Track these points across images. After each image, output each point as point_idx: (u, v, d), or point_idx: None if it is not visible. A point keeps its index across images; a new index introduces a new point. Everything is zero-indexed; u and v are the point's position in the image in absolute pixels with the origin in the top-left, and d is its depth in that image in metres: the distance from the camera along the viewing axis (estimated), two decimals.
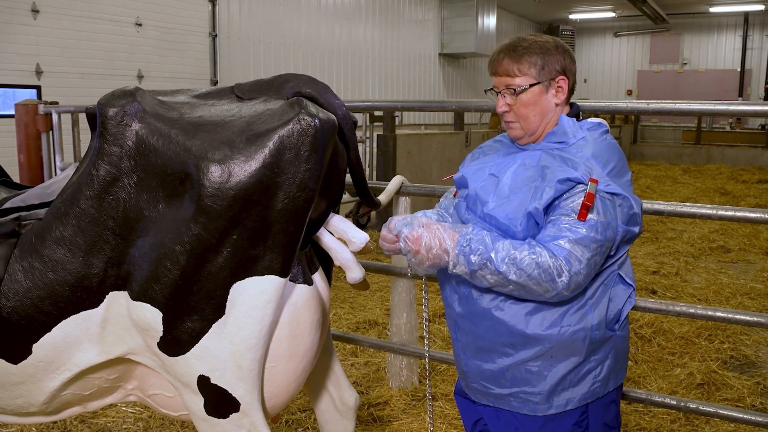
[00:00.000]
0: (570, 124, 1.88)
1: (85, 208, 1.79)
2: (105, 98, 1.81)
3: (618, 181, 1.79)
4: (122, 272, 1.82)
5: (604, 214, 1.69)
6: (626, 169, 1.88)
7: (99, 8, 7.82)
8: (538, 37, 1.91)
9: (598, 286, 1.79)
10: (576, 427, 1.83)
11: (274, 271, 1.78)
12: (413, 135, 8.53)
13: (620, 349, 1.89)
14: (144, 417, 3.46)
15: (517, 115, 1.90)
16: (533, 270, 1.64)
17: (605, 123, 1.97)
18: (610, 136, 1.92)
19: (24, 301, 1.83)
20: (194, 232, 1.73)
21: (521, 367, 1.81)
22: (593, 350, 1.80)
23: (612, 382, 1.87)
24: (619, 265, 1.85)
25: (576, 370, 1.80)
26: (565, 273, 1.63)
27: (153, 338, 1.82)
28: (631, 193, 1.83)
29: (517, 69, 1.88)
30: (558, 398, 1.81)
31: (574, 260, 1.64)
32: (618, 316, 1.85)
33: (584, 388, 1.81)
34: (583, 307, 1.77)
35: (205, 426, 1.91)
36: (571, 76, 1.91)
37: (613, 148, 1.86)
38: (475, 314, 1.86)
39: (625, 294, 1.86)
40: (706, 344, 4.55)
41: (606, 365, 1.83)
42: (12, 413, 2.03)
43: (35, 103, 3.89)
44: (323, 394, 2.33)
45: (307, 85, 1.94)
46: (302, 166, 1.73)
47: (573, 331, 1.76)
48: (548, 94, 1.88)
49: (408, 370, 3.63)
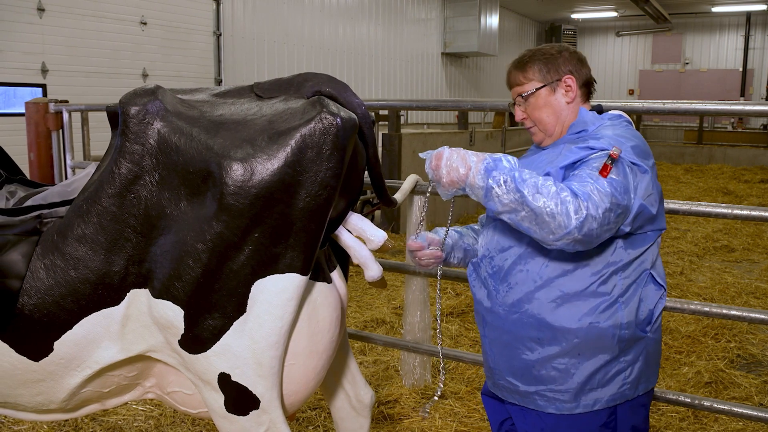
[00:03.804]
0: (590, 115, 1.94)
1: (106, 206, 1.80)
2: (126, 96, 1.82)
3: (643, 161, 1.79)
4: (143, 270, 1.83)
5: (624, 178, 1.69)
6: (650, 155, 1.86)
7: (104, 7, 7.83)
8: (543, 46, 2.02)
9: (629, 285, 1.79)
10: (604, 428, 1.82)
11: (295, 269, 1.79)
12: (418, 134, 8.54)
13: (652, 351, 1.87)
14: (155, 415, 3.47)
15: (532, 119, 1.99)
16: (553, 200, 1.57)
17: (628, 117, 2.00)
18: (632, 126, 1.95)
19: (46, 298, 1.83)
20: (216, 230, 1.73)
21: (548, 364, 1.81)
22: (623, 350, 1.79)
23: (642, 385, 1.86)
24: (650, 263, 1.85)
25: (605, 370, 1.79)
26: (583, 211, 1.56)
27: (174, 336, 1.83)
28: (655, 177, 1.82)
29: (522, 77, 1.99)
30: (586, 398, 1.80)
31: (593, 204, 1.58)
32: (650, 317, 1.84)
33: (613, 389, 1.80)
34: (614, 304, 1.77)
35: (224, 423, 1.92)
36: (580, 77, 1.98)
37: (636, 135, 1.88)
38: (504, 307, 1.86)
39: (657, 295, 1.86)
40: (712, 343, 4.56)
41: (636, 367, 1.82)
42: (32, 410, 2.04)
43: (46, 102, 3.90)
44: (339, 392, 2.34)
45: (327, 84, 1.95)
46: (324, 165, 1.74)
47: (602, 327, 1.76)
48: (557, 94, 1.95)
49: (421, 368, 3.64)
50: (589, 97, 2.03)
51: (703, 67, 20.68)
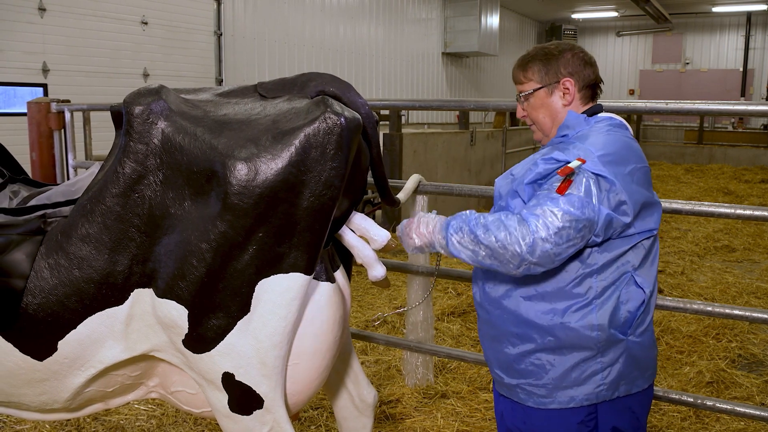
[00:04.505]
0: (574, 118, 1.93)
1: (110, 206, 1.80)
2: (131, 96, 1.82)
3: (613, 169, 1.75)
4: (147, 269, 1.83)
5: (585, 192, 1.69)
6: (630, 161, 1.81)
7: (105, 6, 7.84)
8: (546, 45, 2.02)
9: (606, 287, 1.79)
10: (582, 426, 1.84)
11: (299, 269, 1.79)
12: (419, 134, 8.53)
13: (636, 356, 1.84)
14: (157, 414, 3.47)
15: (530, 118, 2.03)
16: (502, 232, 1.68)
17: (620, 119, 1.97)
18: (618, 129, 1.90)
19: (50, 298, 1.84)
20: (220, 229, 1.74)
21: (526, 359, 1.85)
22: (600, 351, 1.79)
23: (624, 387, 1.84)
24: (634, 265, 1.82)
25: (580, 368, 1.80)
26: (529, 236, 1.65)
27: (178, 335, 1.84)
28: (630, 184, 1.77)
29: (523, 76, 2.02)
30: (561, 394, 1.83)
31: (542, 225, 1.65)
32: (631, 319, 1.81)
33: (589, 388, 1.81)
34: (588, 305, 1.78)
35: (228, 423, 1.92)
36: (580, 78, 1.96)
37: (616, 140, 1.83)
38: (489, 303, 1.93)
39: (640, 297, 1.82)
40: (713, 343, 4.56)
41: (615, 369, 1.81)
42: (35, 410, 2.04)
43: (48, 101, 3.90)
44: (342, 392, 2.34)
45: (331, 84, 1.95)
46: (328, 165, 1.74)
47: (573, 327, 1.77)
48: (554, 96, 1.97)
49: (424, 367, 3.64)
50: (594, 98, 2.02)
51: (704, 67, 20.68)
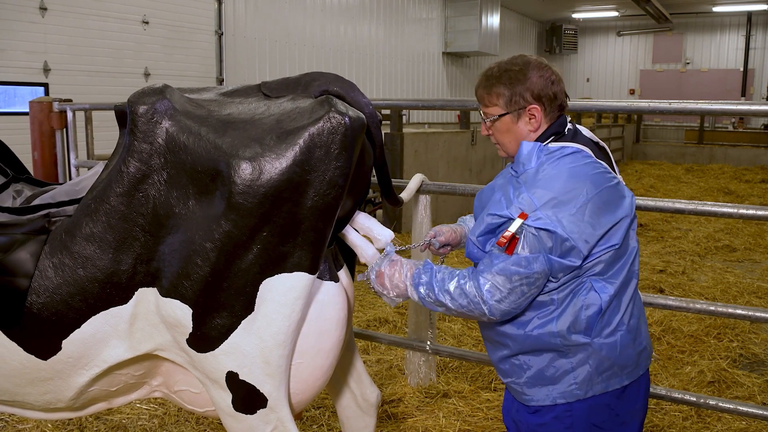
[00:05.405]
0: (527, 151, 1.86)
1: (115, 205, 1.81)
2: (135, 96, 1.82)
3: (559, 212, 1.73)
4: (152, 269, 1.83)
5: (530, 249, 1.74)
6: (579, 194, 1.75)
7: (106, 6, 7.84)
8: (510, 64, 1.91)
9: (566, 295, 1.83)
10: (556, 421, 1.90)
11: (303, 268, 1.79)
12: (420, 134, 8.53)
13: (608, 356, 1.85)
14: (159, 414, 3.47)
15: (495, 139, 2.00)
16: (462, 299, 1.82)
17: (575, 146, 1.86)
18: (568, 158, 1.82)
19: (54, 297, 1.84)
20: (225, 229, 1.74)
21: (509, 359, 1.94)
22: (568, 353, 1.85)
23: (599, 386, 1.87)
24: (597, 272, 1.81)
25: (553, 367, 1.88)
26: (486, 303, 1.78)
27: (182, 334, 1.84)
28: (580, 222, 1.74)
29: (487, 99, 1.95)
30: (538, 392, 1.91)
31: (495, 290, 1.77)
32: (591, 324, 1.82)
33: (562, 387, 1.88)
34: (549, 315, 1.84)
35: (232, 422, 1.92)
36: (547, 100, 1.88)
37: (560, 174, 1.78)
38: None
39: (597, 303, 1.81)
40: (715, 342, 4.57)
41: (584, 370, 1.86)
42: (39, 409, 2.04)
43: (50, 101, 3.90)
44: (345, 391, 2.34)
45: (334, 83, 1.95)
46: (332, 164, 1.75)
47: (536, 335, 1.86)
48: (520, 123, 1.91)
49: (426, 366, 3.64)
50: (562, 109, 1.95)
51: (704, 67, 20.67)
